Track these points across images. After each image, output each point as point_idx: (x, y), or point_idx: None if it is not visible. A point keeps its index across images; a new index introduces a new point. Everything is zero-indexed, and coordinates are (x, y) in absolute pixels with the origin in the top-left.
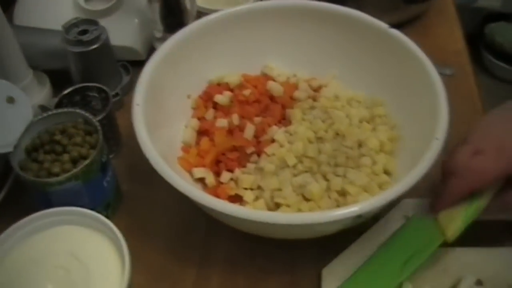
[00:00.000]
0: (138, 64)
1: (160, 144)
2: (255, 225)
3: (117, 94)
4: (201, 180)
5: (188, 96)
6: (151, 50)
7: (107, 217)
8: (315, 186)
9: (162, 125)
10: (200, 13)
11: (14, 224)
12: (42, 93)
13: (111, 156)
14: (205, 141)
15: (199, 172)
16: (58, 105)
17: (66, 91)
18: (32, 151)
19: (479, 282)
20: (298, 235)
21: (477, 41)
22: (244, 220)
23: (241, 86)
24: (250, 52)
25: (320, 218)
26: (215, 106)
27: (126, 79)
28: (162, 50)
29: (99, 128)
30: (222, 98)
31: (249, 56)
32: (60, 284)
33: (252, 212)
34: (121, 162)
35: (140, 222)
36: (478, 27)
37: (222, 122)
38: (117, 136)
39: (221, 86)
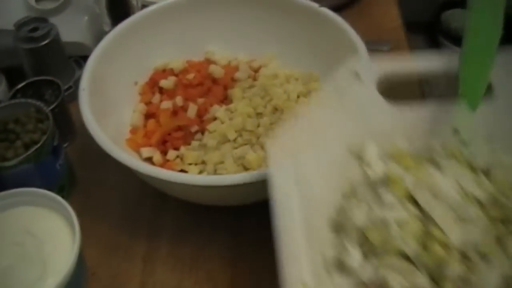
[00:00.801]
0: None
1: (109, 129)
2: (182, 187)
3: (70, 87)
4: (149, 160)
5: (135, 83)
6: None
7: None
8: (252, 155)
9: (110, 112)
10: (145, 6)
11: None
12: None
13: (65, 145)
14: (151, 122)
15: (146, 151)
16: (12, 99)
17: (19, 86)
18: None
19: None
20: (231, 200)
21: (434, 29)
22: (176, 184)
23: (185, 71)
24: (193, 39)
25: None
26: (161, 91)
27: (79, 73)
28: (106, 40)
29: (49, 115)
30: (166, 82)
31: (192, 42)
32: (17, 259)
33: (175, 174)
34: (75, 149)
35: (93, 202)
36: (435, 15)
37: (166, 104)
38: (70, 125)
39: (166, 72)
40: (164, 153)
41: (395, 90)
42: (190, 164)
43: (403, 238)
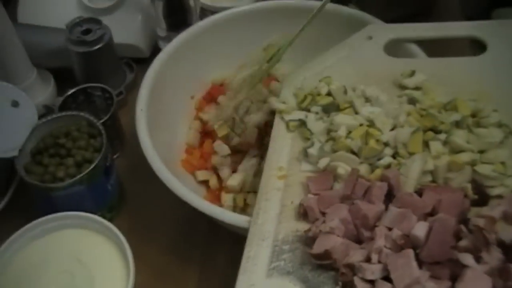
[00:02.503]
0: (142, 62)
1: (164, 146)
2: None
3: (120, 93)
4: (205, 182)
5: (192, 97)
6: (155, 47)
7: (111, 219)
8: None
9: (166, 127)
10: (204, 10)
11: (21, 228)
12: (46, 92)
13: (115, 156)
14: (208, 143)
15: (202, 174)
16: (63, 105)
17: (70, 92)
18: (36, 154)
19: None
20: None
21: None
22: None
23: None
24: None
25: None
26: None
27: (130, 76)
28: (164, 53)
29: (103, 132)
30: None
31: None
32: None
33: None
34: (124, 161)
35: (143, 222)
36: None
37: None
38: (121, 135)
39: (223, 86)
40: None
41: None
42: (248, 192)
43: (351, 138)
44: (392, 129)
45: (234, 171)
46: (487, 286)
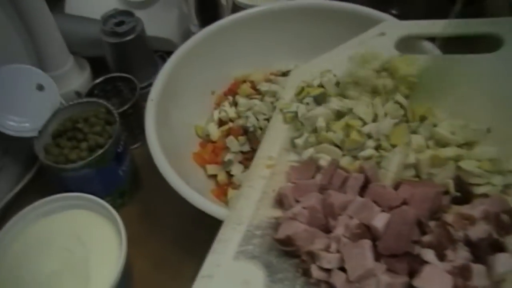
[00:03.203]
0: None
1: (175, 139)
2: None
3: (151, 84)
4: (214, 176)
5: (213, 92)
6: None
7: (122, 204)
8: None
9: (181, 120)
10: (237, 7)
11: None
12: (81, 78)
13: (136, 146)
14: (221, 138)
15: (212, 169)
16: (90, 93)
17: (97, 81)
18: (57, 136)
19: None
20: None
21: None
22: None
23: None
24: (280, 50)
25: None
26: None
27: None
28: (184, 47)
29: (117, 119)
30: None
31: (278, 54)
32: (63, 264)
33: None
34: (144, 151)
35: (153, 211)
36: None
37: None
38: (143, 125)
39: (246, 83)
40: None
41: None
42: None
43: (334, 131)
44: (374, 121)
45: (246, 167)
46: (446, 284)
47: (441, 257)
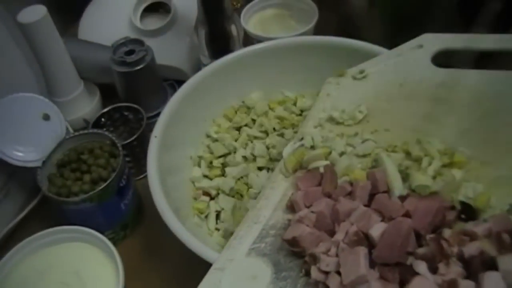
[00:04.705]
0: None
1: (179, 173)
2: None
3: (159, 114)
4: None
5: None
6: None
7: (124, 236)
8: None
9: (186, 154)
10: (249, 38)
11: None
12: (91, 105)
13: (141, 176)
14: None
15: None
16: (98, 121)
17: (105, 110)
18: (61, 166)
19: None
20: None
21: None
22: None
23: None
24: (276, 84)
25: None
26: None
27: None
28: (188, 84)
29: (121, 153)
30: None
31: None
32: None
33: None
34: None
35: (154, 246)
36: None
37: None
38: None
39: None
40: None
41: None
42: None
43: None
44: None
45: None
46: None
47: (434, 270)
